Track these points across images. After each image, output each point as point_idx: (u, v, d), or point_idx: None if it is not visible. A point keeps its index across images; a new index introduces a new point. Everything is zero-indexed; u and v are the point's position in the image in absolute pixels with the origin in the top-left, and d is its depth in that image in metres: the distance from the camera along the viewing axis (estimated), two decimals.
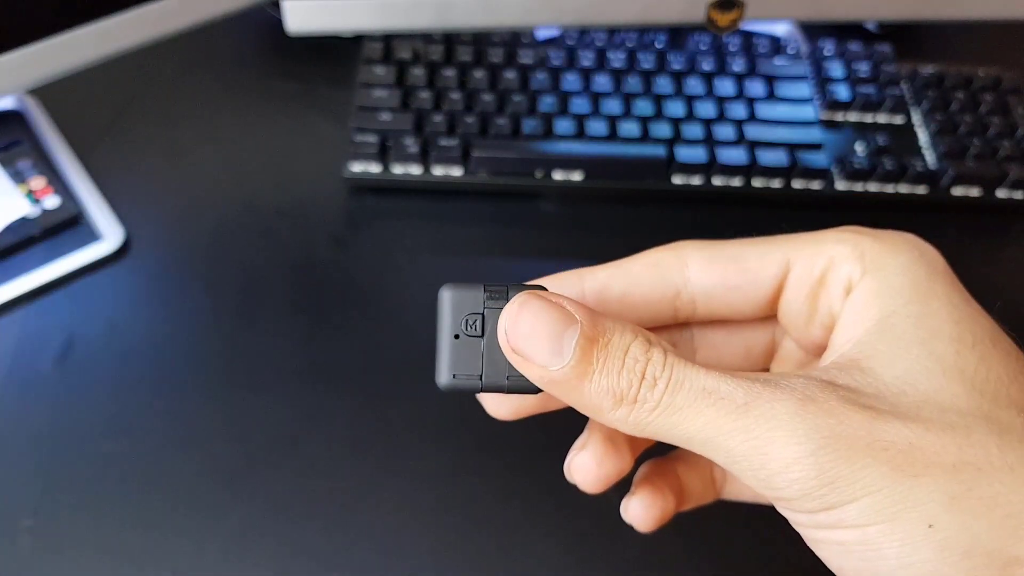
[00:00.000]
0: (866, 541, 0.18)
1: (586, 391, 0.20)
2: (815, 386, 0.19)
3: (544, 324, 0.20)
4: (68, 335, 0.48)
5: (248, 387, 0.47)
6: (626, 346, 0.20)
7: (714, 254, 0.23)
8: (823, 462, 0.18)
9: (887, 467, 0.18)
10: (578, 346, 0.19)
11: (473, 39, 0.59)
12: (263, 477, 0.44)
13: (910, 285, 0.20)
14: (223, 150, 0.57)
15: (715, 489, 0.27)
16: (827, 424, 0.18)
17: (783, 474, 0.18)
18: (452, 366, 0.21)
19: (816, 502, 0.18)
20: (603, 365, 0.19)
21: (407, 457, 0.45)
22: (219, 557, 0.41)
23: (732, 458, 0.19)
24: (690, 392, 0.19)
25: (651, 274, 0.24)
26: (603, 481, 0.24)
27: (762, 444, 0.18)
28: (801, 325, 0.23)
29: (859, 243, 0.22)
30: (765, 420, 0.18)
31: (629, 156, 0.55)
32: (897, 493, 0.18)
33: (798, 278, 0.23)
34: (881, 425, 0.18)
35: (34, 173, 0.52)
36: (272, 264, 0.52)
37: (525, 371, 0.20)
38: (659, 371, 0.19)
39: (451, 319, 0.21)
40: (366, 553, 0.42)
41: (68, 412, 0.45)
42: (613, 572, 0.42)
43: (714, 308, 0.24)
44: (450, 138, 0.54)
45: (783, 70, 0.59)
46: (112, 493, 0.43)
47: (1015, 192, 0.56)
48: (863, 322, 0.21)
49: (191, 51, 0.62)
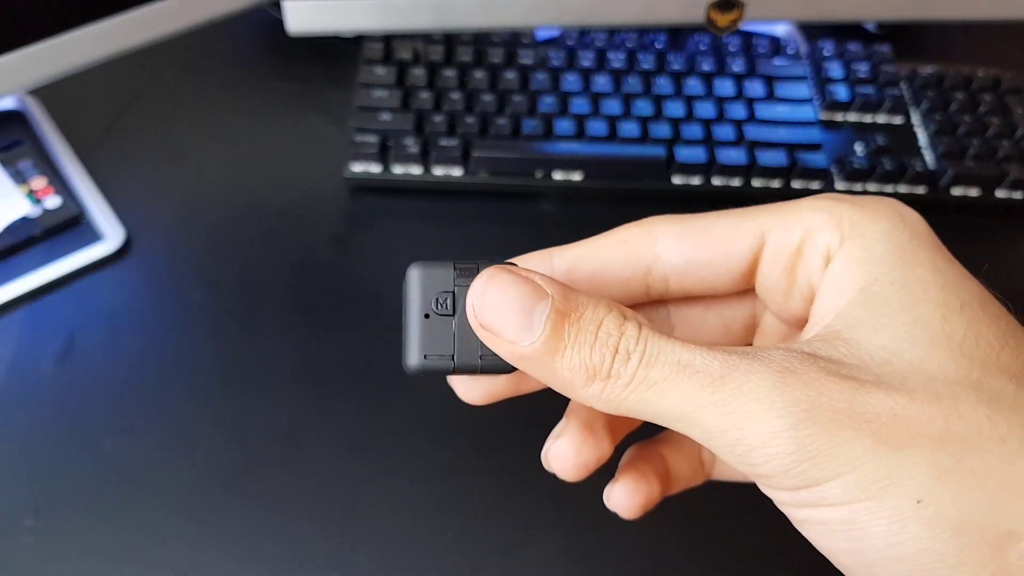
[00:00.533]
0: (851, 519, 0.17)
1: (558, 367, 0.19)
2: (795, 358, 0.18)
3: (513, 298, 0.19)
4: (69, 335, 0.48)
5: (248, 387, 0.47)
6: (599, 320, 0.19)
7: (684, 228, 0.23)
8: (803, 436, 0.17)
9: (871, 440, 0.17)
10: (549, 320, 0.19)
11: (473, 39, 0.59)
12: (263, 477, 0.44)
13: (892, 251, 0.20)
14: (223, 150, 0.57)
15: (704, 471, 0.26)
16: (806, 396, 0.17)
17: (761, 449, 0.17)
18: (423, 346, 0.20)
19: (797, 479, 0.17)
20: (575, 339, 0.19)
21: (407, 457, 0.45)
22: (220, 556, 0.41)
23: (708, 434, 0.18)
24: (665, 366, 0.18)
25: (621, 251, 0.23)
26: (581, 469, 0.23)
27: (739, 418, 0.18)
28: (780, 298, 0.22)
29: (837, 210, 0.21)
30: (742, 393, 0.18)
31: (629, 156, 0.55)
32: (882, 467, 0.17)
33: (774, 250, 0.22)
34: (864, 396, 0.17)
35: (35, 173, 0.52)
36: (272, 264, 0.52)
37: (495, 347, 0.20)
38: (633, 345, 0.19)
39: (421, 298, 0.20)
40: (366, 553, 0.42)
41: (69, 412, 0.45)
42: (613, 571, 0.42)
43: (687, 284, 0.23)
44: (450, 138, 0.54)
45: (783, 70, 0.59)
46: (113, 492, 0.43)
47: (1014, 192, 0.56)
48: (845, 292, 0.20)
49: (191, 51, 0.62)
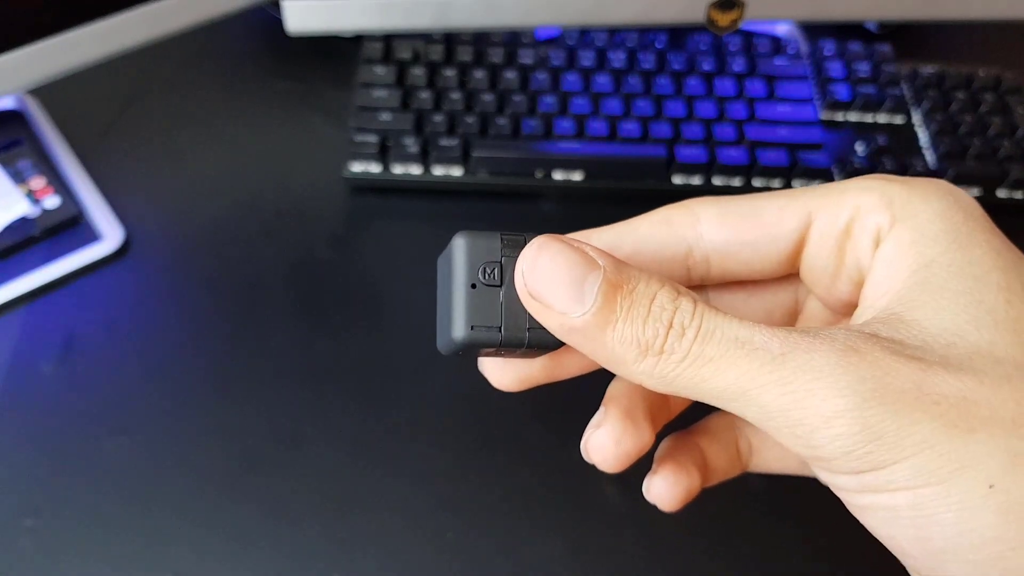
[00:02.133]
0: (918, 505, 0.17)
1: (608, 340, 0.18)
2: (858, 337, 0.18)
3: (564, 268, 0.18)
4: (68, 335, 0.48)
5: (248, 387, 0.47)
6: (652, 294, 0.18)
7: (728, 209, 0.22)
8: (869, 416, 0.16)
9: (940, 422, 0.16)
10: (600, 291, 0.18)
11: (473, 39, 0.59)
12: (262, 478, 0.44)
13: (947, 232, 0.19)
14: (223, 150, 0.57)
15: (741, 462, 0.26)
16: (873, 375, 0.17)
17: (824, 430, 0.17)
18: (470, 317, 0.19)
19: (861, 461, 0.17)
20: (627, 313, 0.18)
21: (407, 457, 0.45)
22: (220, 556, 0.41)
23: (767, 414, 0.17)
24: (722, 342, 0.18)
25: (661, 232, 0.22)
26: (623, 459, 0.22)
27: (801, 397, 0.17)
28: (826, 282, 0.22)
29: (887, 190, 0.20)
30: (804, 371, 0.17)
31: (629, 156, 0.55)
32: (952, 451, 0.16)
33: (821, 231, 0.21)
34: (931, 378, 0.17)
35: (34, 173, 0.52)
36: (272, 264, 0.52)
37: (544, 319, 0.19)
38: (688, 319, 0.18)
39: (467, 267, 0.19)
40: (366, 553, 0.42)
41: (68, 412, 0.45)
42: (614, 569, 0.42)
43: (729, 267, 0.22)
44: (450, 138, 0.54)
45: (783, 70, 0.59)
46: (112, 493, 0.43)
47: (1015, 192, 0.56)
48: (899, 273, 0.19)
49: (191, 51, 0.62)
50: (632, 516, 0.43)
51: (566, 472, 0.44)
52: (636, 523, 0.43)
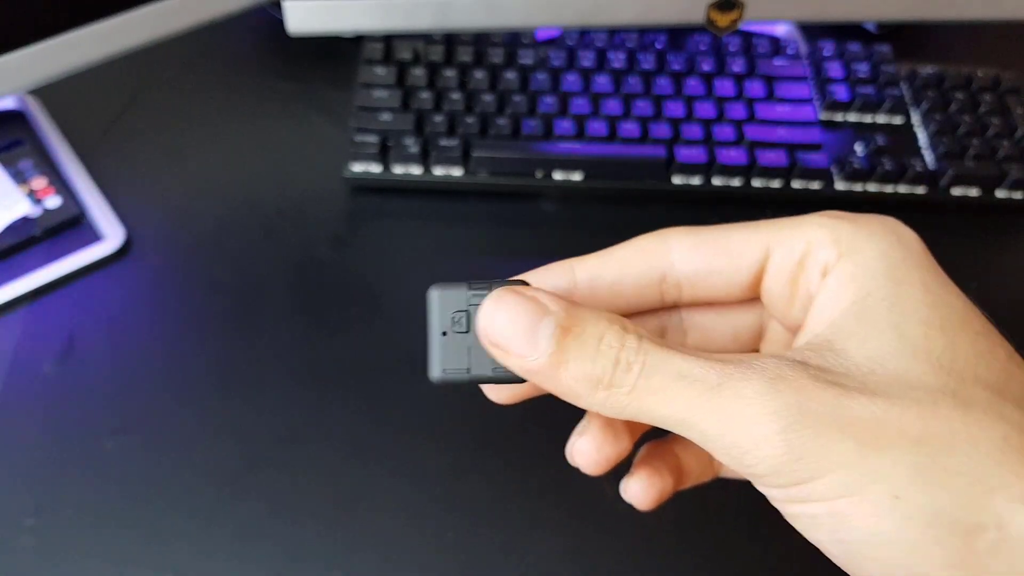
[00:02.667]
0: (835, 514, 0.19)
1: (563, 378, 0.20)
2: (786, 366, 0.20)
3: (518, 317, 0.21)
4: (69, 335, 0.48)
5: (248, 387, 0.47)
6: (600, 334, 0.20)
7: (698, 240, 0.24)
8: (792, 439, 0.18)
9: (854, 442, 0.18)
10: (552, 337, 0.20)
11: (473, 39, 0.59)
12: (263, 477, 0.44)
13: (885, 269, 0.21)
14: (224, 150, 0.57)
15: (713, 468, 0.28)
16: (796, 401, 0.19)
17: (754, 452, 0.19)
18: (442, 361, 0.23)
19: (786, 477, 0.19)
20: (578, 352, 0.20)
21: (407, 457, 0.45)
22: (220, 556, 0.41)
23: (706, 438, 0.20)
24: (664, 376, 0.20)
25: (638, 260, 0.25)
26: (603, 464, 0.25)
27: (734, 424, 0.19)
28: (783, 307, 0.24)
29: (836, 227, 0.22)
30: (736, 400, 0.19)
31: (629, 156, 0.55)
32: (864, 467, 0.18)
33: (778, 262, 0.23)
34: (848, 401, 0.19)
35: (35, 173, 0.52)
36: (272, 264, 0.52)
37: (505, 363, 0.21)
38: (633, 356, 0.20)
39: (439, 317, 0.23)
40: (366, 553, 0.42)
41: (69, 411, 0.45)
42: (614, 569, 0.42)
43: (699, 292, 0.25)
44: (450, 138, 0.54)
45: (783, 70, 0.59)
46: (113, 492, 0.43)
47: (1014, 192, 0.56)
48: (838, 304, 0.21)
49: (191, 51, 0.62)
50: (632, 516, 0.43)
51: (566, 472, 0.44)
52: (636, 523, 0.43)
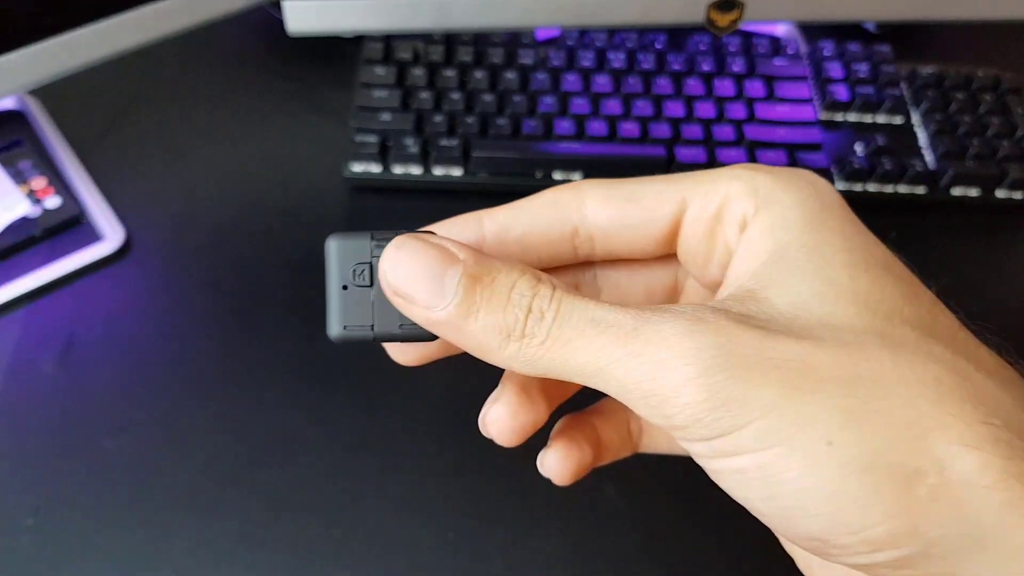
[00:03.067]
0: (765, 466, 0.17)
1: (472, 330, 0.19)
2: (706, 310, 0.19)
3: (423, 264, 0.19)
4: (69, 335, 0.48)
5: (248, 387, 0.47)
6: (511, 283, 0.19)
7: (611, 192, 0.23)
8: (713, 383, 0.17)
9: (780, 386, 0.17)
10: (460, 285, 0.19)
11: (473, 39, 0.59)
12: (263, 477, 0.44)
13: (803, 218, 0.20)
14: (223, 150, 0.57)
15: (632, 442, 0.27)
16: (716, 343, 0.18)
17: (674, 399, 0.18)
18: (343, 317, 0.21)
19: (709, 428, 0.18)
20: (487, 302, 0.19)
21: (407, 456, 0.45)
22: (220, 556, 0.41)
23: (624, 387, 0.18)
24: (579, 323, 0.19)
25: (549, 213, 0.24)
26: (518, 432, 0.23)
27: (651, 369, 0.18)
28: (700, 263, 0.23)
29: (753, 179, 0.21)
30: (653, 343, 0.18)
31: (629, 156, 0.55)
32: (792, 412, 0.17)
33: (694, 216, 0.22)
34: (772, 343, 0.18)
35: (35, 173, 0.52)
36: (272, 264, 0.52)
37: (410, 314, 0.20)
38: (546, 304, 0.19)
39: (338, 269, 0.21)
40: (366, 552, 0.42)
41: (68, 411, 0.45)
42: (614, 569, 0.42)
43: (612, 246, 0.24)
44: (450, 138, 0.54)
45: (783, 70, 0.59)
46: (113, 492, 0.43)
47: (1014, 192, 0.56)
48: (758, 255, 0.21)
49: (191, 51, 0.62)
50: (632, 516, 0.43)
51: None
52: (636, 523, 0.43)
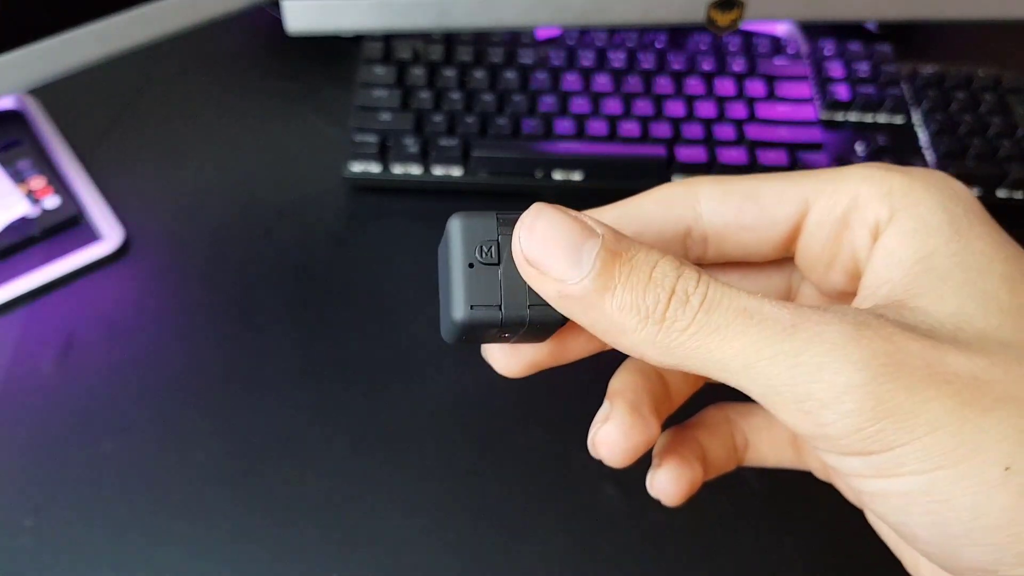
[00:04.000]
0: (932, 489, 0.16)
1: (607, 308, 0.18)
2: (868, 314, 0.17)
3: (562, 233, 0.18)
4: (68, 335, 0.48)
5: (248, 387, 0.47)
6: (653, 262, 0.18)
7: (728, 189, 0.22)
8: (881, 392, 0.16)
9: (954, 401, 0.16)
10: (599, 257, 0.18)
11: (473, 39, 0.59)
12: (263, 477, 0.44)
13: (948, 223, 0.19)
14: (223, 150, 0.57)
15: (737, 456, 0.25)
16: (886, 350, 0.16)
17: (835, 405, 0.16)
18: (469, 296, 0.19)
19: (871, 440, 0.16)
20: (627, 279, 0.18)
21: (407, 456, 0.45)
22: (219, 556, 0.41)
23: (773, 388, 0.17)
24: (729, 310, 0.17)
25: (662, 212, 0.22)
26: (631, 452, 0.22)
27: (811, 370, 0.16)
28: (821, 269, 0.22)
29: (886, 180, 0.20)
30: (815, 344, 0.16)
31: (629, 156, 0.55)
32: (966, 431, 0.16)
33: (818, 218, 0.21)
34: (944, 356, 0.16)
35: (34, 173, 0.52)
36: (272, 264, 0.51)
37: (541, 287, 0.19)
38: (692, 287, 0.18)
39: (464, 247, 0.19)
40: (366, 553, 0.42)
41: (68, 412, 0.45)
42: (615, 569, 0.42)
43: (726, 248, 0.22)
44: (450, 138, 0.54)
45: (783, 70, 0.59)
46: (112, 493, 0.43)
47: (1015, 192, 0.56)
48: (901, 263, 0.19)
49: (191, 51, 0.62)
50: (632, 516, 0.43)
51: (566, 472, 0.44)
52: (636, 523, 0.43)
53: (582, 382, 0.24)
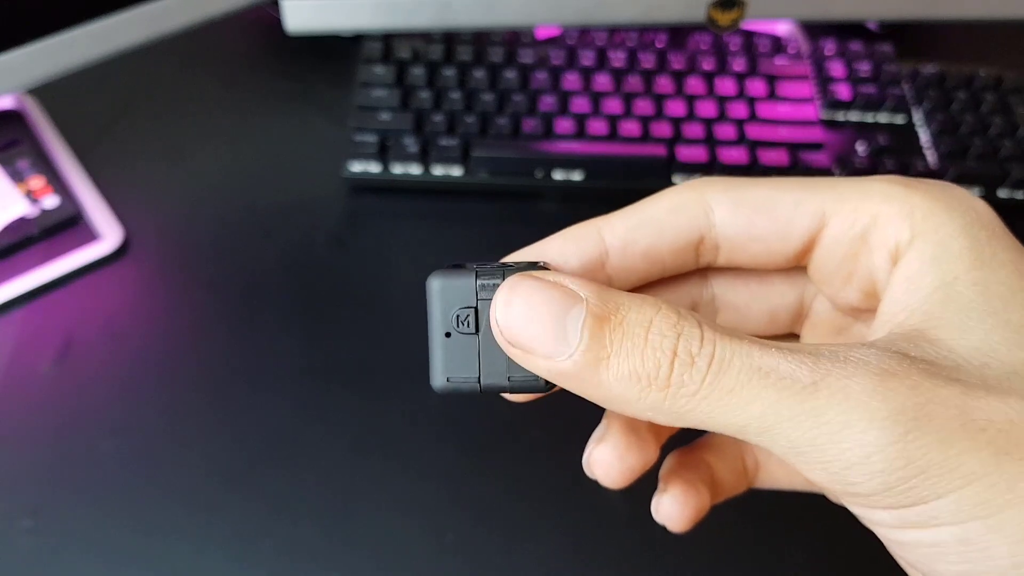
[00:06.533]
0: (968, 540, 0.15)
1: (604, 380, 0.17)
2: (890, 358, 0.16)
3: (542, 308, 0.17)
4: (67, 335, 0.47)
5: (248, 387, 0.46)
6: (647, 321, 0.17)
7: (741, 198, 0.21)
8: (912, 449, 0.15)
9: (989, 450, 0.15)
10: (586, 327, 0.17)
11: (473, 38, 0.59)
12: (263, 477, 0.43)
13: (971, 249, 0.18)
14: (223, 150, 0.57)
15: (747, 478, 0.25)
16: (914, 404, 0.15)
17: (862, 466, 0.15)
18: (446, 368, 0.19)
19: (902, 496, 0.15)
20: (619, 346, 0.17)
21: (407, 456, 0.45)
22: (219, 557, 0.41)
23: (796, 449, 0.16)
24: (741, 372, 0.16)
25: (675, 221, 0.21)
26: (627, 475, 0.21)
27: (836, 430, 0.15)
28: (836, 285, 0.21)
29: (908, 200, 0.19)
30: (838, 401, 0.16)
31: (629, 156, 0.54)
32: (1003, 481, 0.15)
33: (835, 234, 0.20)
34: (975, 402, 0.16)
35: (33, 173, 0.52)
36: (272, 264, 0.51)
37: (529, 366, 0.18)
38: (696, 347, 0.16)
39: (441, 315, 0.19)
40: (366, 553, 0.42)
41: (67, 412, 0.45)
42: (615, 570, 0.42)
43: (737, 256, 0.21)
44: (450, 138, 0.54)
45: (784, 69, 0.59)
46: (112, 493, 0.43)
47: (1016, 192, 0.55)
48: (921, 290, 0.18)
49: (191, 51, 0.61)
50: (632, 516, 0.43)
51: (566, 472, 0.44)
52: (636, 523, 0.43)
53: None
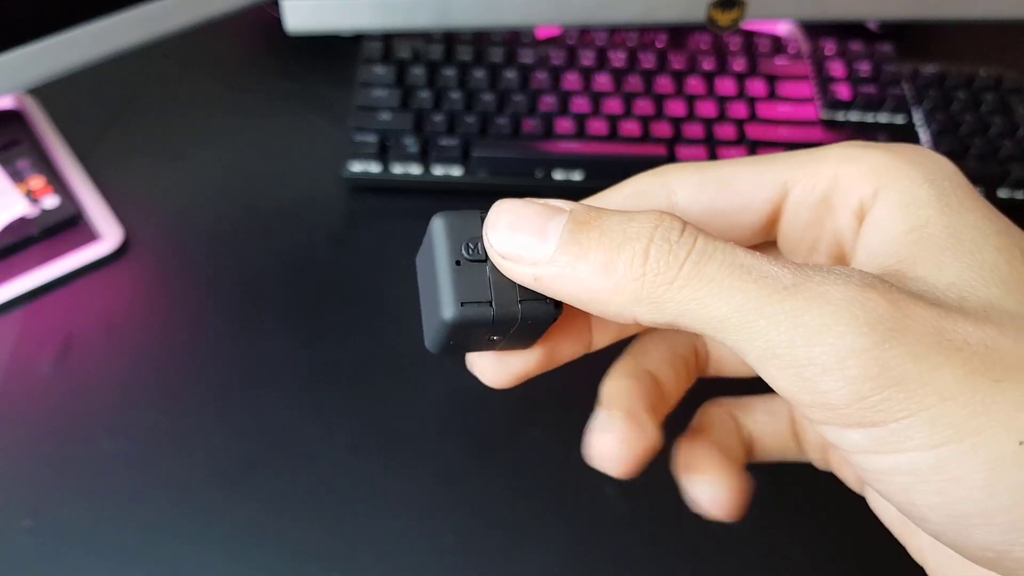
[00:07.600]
0: (941, 466, 0.15)
1: (582, 274, 0.17)
2: (873, 277, 0.16)
3: (525, 218, 0.18)
4: (67, 335, 0.47)
5: (248, 387, 0.46)
6: (627, 220, 0.17)
7: (702, 177, 0.21)
8: (888, 357, 0.15)
9: (964, 369, 0.15)
10: (565, 228, 0.17)
11: (473, 38, 0.59)
12: (263, 477, 0.43)
13: (938, 196, 0.18)
14: (223, 150, 0.57)
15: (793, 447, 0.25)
16: (893, 315, 0.15)
17: (836, 371, 0.15)
18: (458, 294, 0.18)
19: (875, 411, 0.15)
20: (598, 242, 0.17)
21: (407, 457, 0.45)
22: (219, 557, 0.41)
23: (771, 350, 0.16)
24: (722, 265, 0.16)
25: (636, 205, 0.21)
26: (633, 462, 0.21)
27: (812, 332, 0.15)
28: (804, 252, 0.21)
29: (867, 158, 0.19)
30: (818, 304, 0.15)
31: (630, 156, 0.54)
32: (977, 402, 0.15)
33: (797, 202, 0.20)
34: (953, 323, 0.15)
35: (33, 173, 0.52)
36: (272, 264, 0.51)
37: (518, 276, 0.18)
38: (675, 236, 0.17)
39: (449, 245, 0.19)
40: (366, 553, 0.42)
41: (67, 412, 0.45)
42: (614, 569, 0.42)
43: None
44: (450, 138, 0.54)
45: (784, 69, 0.59)
46: (112, 493, 0.43)
47: (1016, 192, 0.55)
48: (893, 236, 0.18)
49: (191, 51, 0.61)
50: (632, 516, 0.43)
51: (566, 472, 0.44)
52: (636, 523, 0.43)
53: (581, 382, 0.24)
